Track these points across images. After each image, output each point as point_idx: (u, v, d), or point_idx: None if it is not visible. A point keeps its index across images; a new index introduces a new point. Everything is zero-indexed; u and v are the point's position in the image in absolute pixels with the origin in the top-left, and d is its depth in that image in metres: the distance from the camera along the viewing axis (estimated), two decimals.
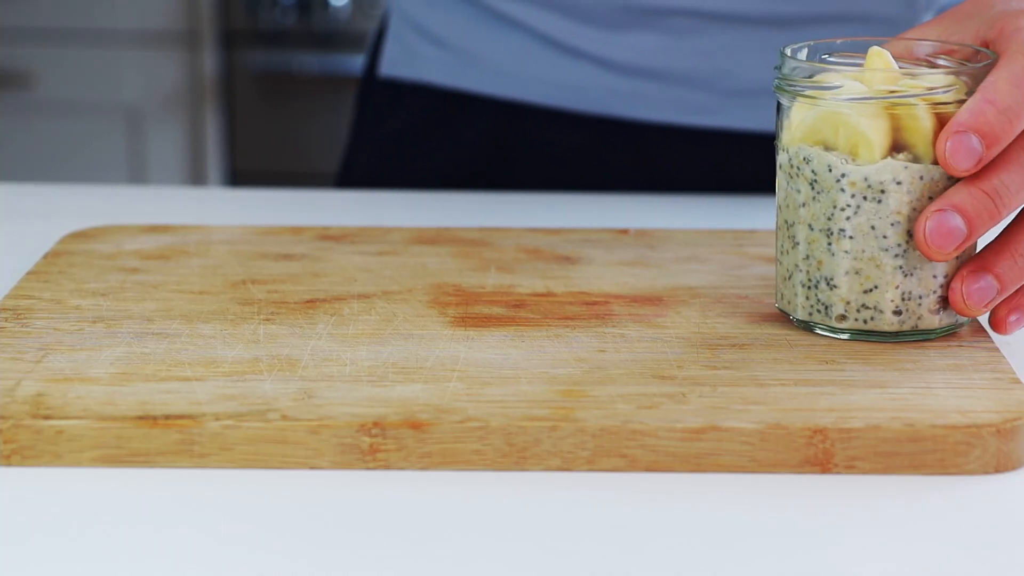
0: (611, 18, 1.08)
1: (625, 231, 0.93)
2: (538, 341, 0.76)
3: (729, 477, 0.67)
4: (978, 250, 0.76)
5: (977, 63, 0.76)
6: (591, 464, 0.67)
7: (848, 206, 0.75)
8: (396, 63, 1.17)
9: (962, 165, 0.72)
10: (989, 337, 0.77)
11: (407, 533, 0.63)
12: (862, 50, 0.77)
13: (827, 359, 0.74)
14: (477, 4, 1.12)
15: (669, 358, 0.74)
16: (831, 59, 0.79)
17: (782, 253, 0.78)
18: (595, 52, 1.09)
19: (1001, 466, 0.68)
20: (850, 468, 0.67)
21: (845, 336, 0.76)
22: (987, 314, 0.76)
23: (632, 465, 0.67)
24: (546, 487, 0.66)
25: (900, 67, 0.77)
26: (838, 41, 0.79)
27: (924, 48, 0.79)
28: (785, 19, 1.07)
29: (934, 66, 0.77)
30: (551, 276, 0.85)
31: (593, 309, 0.81)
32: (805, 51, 0.79)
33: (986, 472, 0.67)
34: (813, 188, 0.76)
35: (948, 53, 0.78)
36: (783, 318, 0.79)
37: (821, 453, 0.67)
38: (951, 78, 0.74)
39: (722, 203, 1.05)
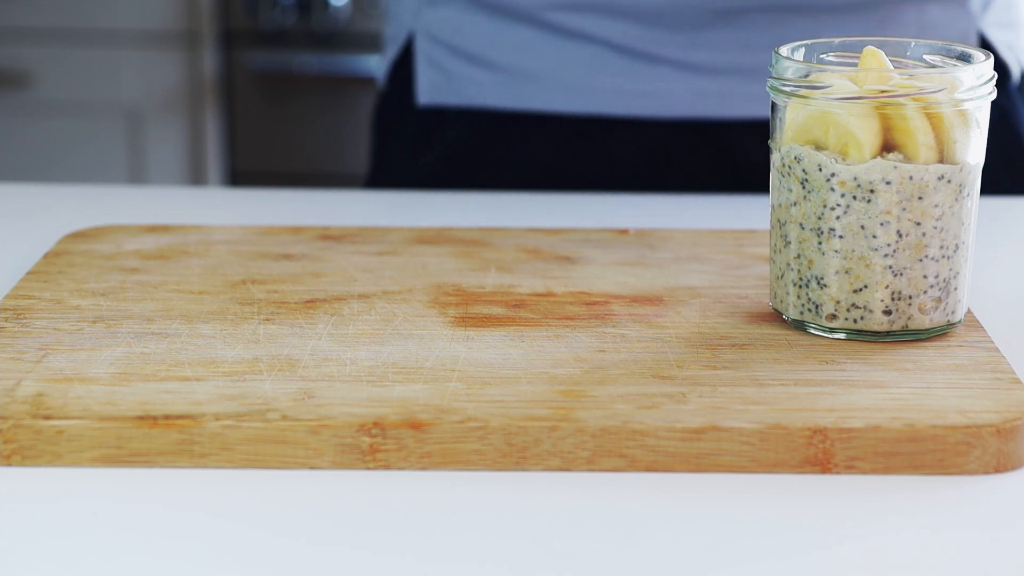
0: (692, 21, 1.07)
1: (625, 231, 0.93)
2: (538, 341, 0.76)
3: (729, 477, 0.67)
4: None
5: (970, 64, 0.76)
6: (591, 464, 0.67)
7: (838, 205, 0.75)
8: (438, 90, 1.14)
9: None
10: (989, 337, 0.77)
11: (407, 533, 0.63)
12: (860, 49, 0.77)
13: (827, 359, 0.74)
14: (534, 22, 1.10)
15: (669, 358, 0.74)
16: (828, 58, 0.79)
17: (775, 252, 0.79)
18: (676, 56, 1.08)
19: (1001, 466, 0.68)
20: (850, 468, 0.67)
21: (840, 335, 0.76)
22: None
23: (632, 465, 0.67)
24: (546, 487, 0.66)
25: (895, 66, 0.77)
26: (836, 41, 0.79)
27: (920, 49, 0.79)
28: (865, 3, 1.06)
29: (930, 67, 0.78)
30: (551, 276, 0.85)
31: (593, 309, 0.81)
32: (802, 50, 0.79)
33: (986, 472, 0.67)
34: (804, 187, 0.76)
35: (942, 54, 0.78)
36: (783, 318, 0.79)
37: (821, 453, 0.67)
38: (942, 78, 0.75)
39: (722, 203, 1.05)
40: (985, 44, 1.12)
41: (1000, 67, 1.13)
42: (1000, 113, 1.11)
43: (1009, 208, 1.05)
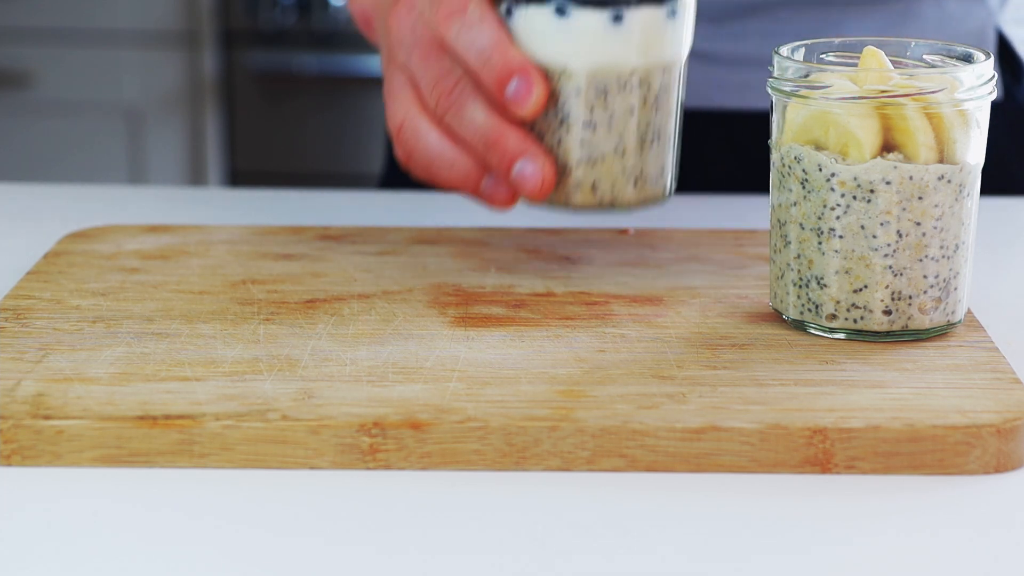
0: (719, 13, 1.08)
1: (625, 231, 0.93)
2: (538, 341, 0.76)
3: (729, 477, 0.67)
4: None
5: (970, 63, 0.76)
6: (591, 464, 0.67)
7: (838, 205, 0.75)
8: None
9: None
10: (989, 337, 0.77)
11: (407, 533, 0.63)
12: (860, 49, 0.77)
13: (827, 359, 0.74)
14: None
15: (669, 358, 0.74)
16: (828, 58, 0.79)
17: (775, 252, 0.79)
18: (698, 47, 1.09)
19: (1001, 466, 0.68)
20: (850, 468, 0.67)
21: (840, 335, 0.76)
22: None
23: (632, 465, 0.67)
24: (546, 487, 0.66)
25: (895, 66, 0.77)
26: (836, 40, 0.79)
27: (920, 48, 0.79)
28: None
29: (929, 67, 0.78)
30: (551, 276, 0.85)
31: (593, 309, 0.81)
32: (802, 50, 0.79)
33: (986, 472, 0.67)
34: (804, 187, 0.76)
35: (942, 54, 0.78)
36: (783, 318, 0.79)
37: (821, 453, 0.67)
38: (942, 78, 0.75)
39: (722, 203, 1.05)
40: (1003, 40, 1.12)
41: (1017, 64, 1.13)
42: (1018, 110, 1.11)
43: (1009, 208, 1.05)
